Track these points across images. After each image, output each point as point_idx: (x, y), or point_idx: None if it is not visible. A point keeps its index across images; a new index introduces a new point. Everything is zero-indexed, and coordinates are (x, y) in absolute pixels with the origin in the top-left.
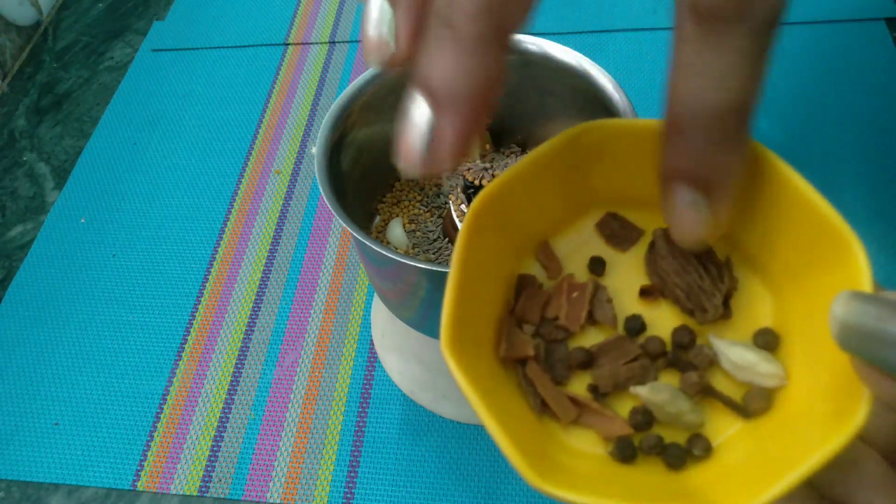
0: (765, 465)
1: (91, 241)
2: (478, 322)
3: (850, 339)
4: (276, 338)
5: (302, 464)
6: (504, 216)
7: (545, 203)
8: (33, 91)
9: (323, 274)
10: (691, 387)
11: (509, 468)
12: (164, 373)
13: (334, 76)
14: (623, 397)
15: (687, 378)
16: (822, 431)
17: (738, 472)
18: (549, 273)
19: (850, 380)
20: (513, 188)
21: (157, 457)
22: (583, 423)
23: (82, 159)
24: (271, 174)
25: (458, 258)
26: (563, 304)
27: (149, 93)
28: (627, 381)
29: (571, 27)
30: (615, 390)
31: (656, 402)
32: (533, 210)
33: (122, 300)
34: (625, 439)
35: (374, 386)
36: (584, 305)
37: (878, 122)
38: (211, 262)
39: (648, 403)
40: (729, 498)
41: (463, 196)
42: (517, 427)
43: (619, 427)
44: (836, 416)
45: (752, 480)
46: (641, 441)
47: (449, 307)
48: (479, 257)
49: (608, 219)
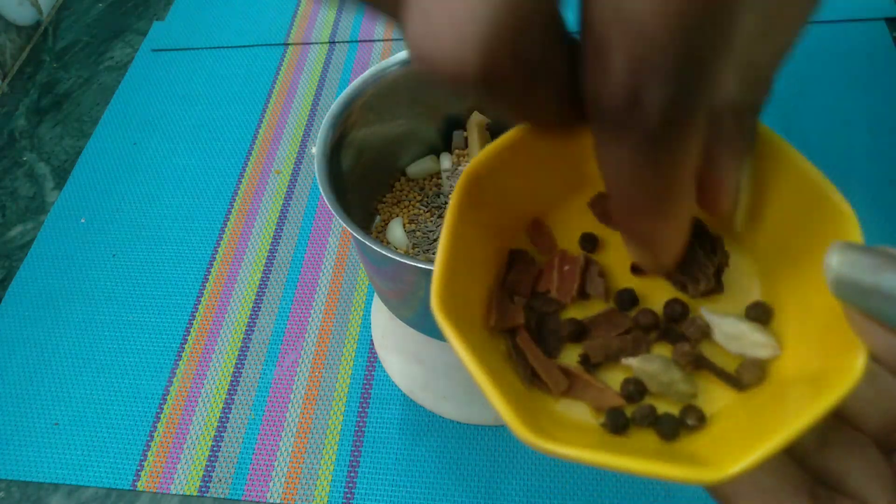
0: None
1: (91, 241)
2: (468, 294)
3: (845, 288)
4: (276, 338)
5: (302, 464)
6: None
7: (537, 180)
8: (33, 91)
9: (323, 274)
10: (683, 356)
11: (510, 468)
12: (164, 373)
13: (334, 76)
14: (615, 369)
15: (679, 349)
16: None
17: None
18: (541, 249)
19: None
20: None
21: (157, 457)
22: (574, 394)
23: (82, 159)
24: (271, 174)
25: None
26: (555, 277)
27: (149, 93)
28: (619, 353)
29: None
30: (606, 361)
31: (648, 373)
32: (525, 186)
33: (122, 300)
34: (617, 409)
35: (374, 386)
36: (575, 279)
37: (879, 122)
38: (211, 262)
39: (640, 374)
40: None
41: None
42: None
43: (611, 398)
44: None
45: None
46: (634, 412)
47: (439, 269)
48: (470, 229)
49: (600, 197)
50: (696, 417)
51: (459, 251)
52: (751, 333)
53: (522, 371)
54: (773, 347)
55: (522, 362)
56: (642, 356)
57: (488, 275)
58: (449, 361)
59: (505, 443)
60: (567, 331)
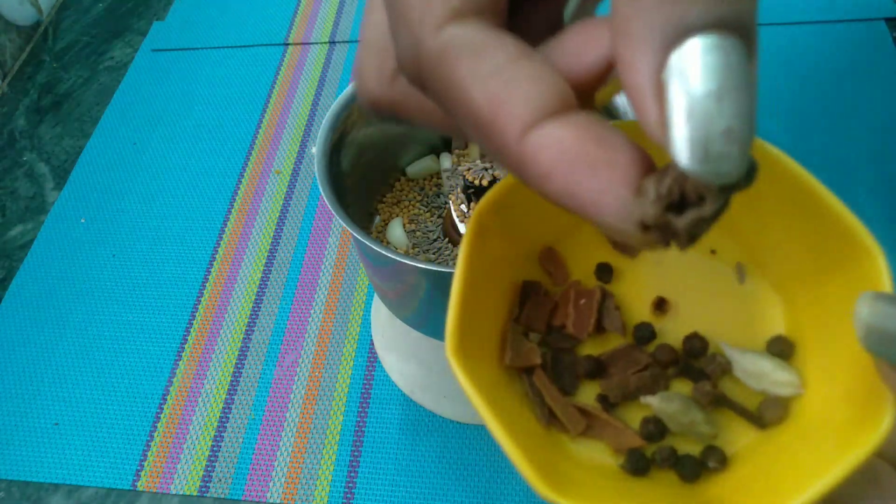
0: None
1: (91, 241)
2: (482, 330)
3: (876, 341)
4: (276, 338)
5: (302, 464)
6: (509, 221)
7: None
8: (33, 91)
9: (323, 274)
10: (704, 396)
11: (509, 468)
12: (164, 373)
13: (334, 76)
14: (633, 407)
15: (700, 387)
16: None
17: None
18: (555, 280)
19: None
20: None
21: (157, 457)
22: (592, 434)
23: (82, 159)
24: (271, 174)
25: (462, 263)
26: (571, 311)
27: (149, 93)
28: (637, 391)
29: None
30: (625, 400)
31: (668, 413)
32: (538, 215)
33: (122, 300)
34: (637, 451)
35: (374, 386)
36: (592, 313)
37: (879, 122)
38: (211, 262)
39: (660, 413)
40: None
41: (463, 196)
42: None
43: (630, 438)
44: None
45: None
46: (654, 453)
47: (454, 312)
48: (483, 263)
49: None
50: (718, 460)
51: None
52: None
53: (540, 411)
54: (795, 386)
55: (539, 402)
56: (661, 395)
57: (502, 310)
58: None
59: None
60: (584, 369)
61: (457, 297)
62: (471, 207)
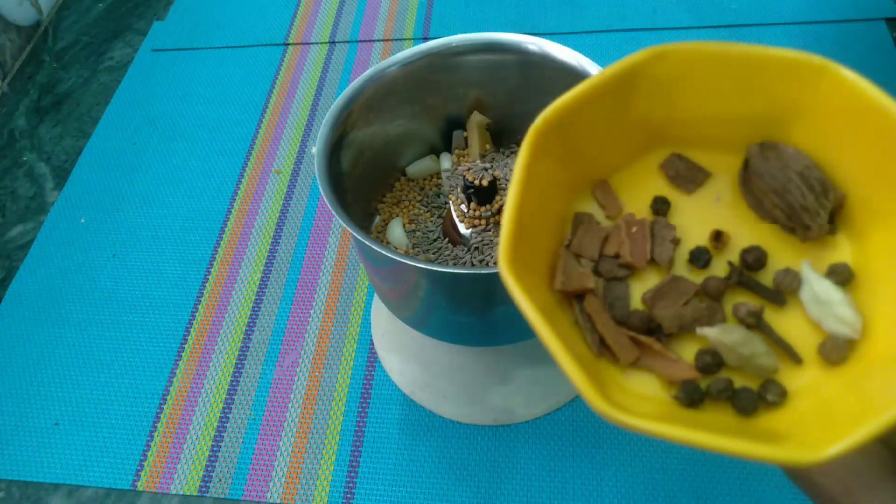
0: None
1: (91, 241)
2: (533, 255)
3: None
4: (276, 338)
5: (302, 464)
6: (563, 144)
7: (606, 136)
8: (33, 91)
9: (323, 274)
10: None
11: (510, 468)
12: (164, 373)
13: (334, 76)
14: (687, 340)
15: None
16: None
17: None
18: (607, 212)
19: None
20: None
21: (157, 457)
22: (643, 365)
23: (82, 159)
24: (271, 174)
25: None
26: (624, 239)
27: (149, 93)
28: (693, 322)
29: (571, 27)
30: (680, 331)
31: (727, 344)
32: (593, 141)
33: (122, 300)
34: (691, 383)
35: (374, 386)
36: (646, 241)
37: None
38: (211, 262)
39: (718, 346)
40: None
41: (463, 196)
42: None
43: (684, 370)
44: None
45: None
46: (710, 384)
47: (508, 224)
48: (537, 184)
49: (673, 159)
50: (778, 393)
51: (527, 208)
52: (839, 305)
53: (590, 338)
54: (853, 329)
55: (590, 329)
56: (721, 326)
57: (553, 236)
58: (449, 361)
59: (505, 443)
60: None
61: (512, 209)
62: (471, 207)
